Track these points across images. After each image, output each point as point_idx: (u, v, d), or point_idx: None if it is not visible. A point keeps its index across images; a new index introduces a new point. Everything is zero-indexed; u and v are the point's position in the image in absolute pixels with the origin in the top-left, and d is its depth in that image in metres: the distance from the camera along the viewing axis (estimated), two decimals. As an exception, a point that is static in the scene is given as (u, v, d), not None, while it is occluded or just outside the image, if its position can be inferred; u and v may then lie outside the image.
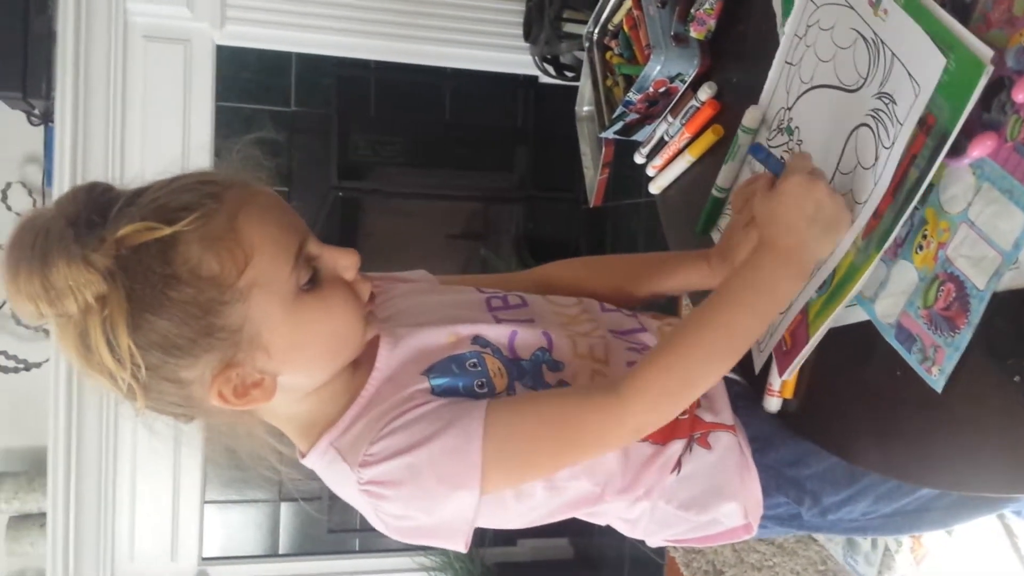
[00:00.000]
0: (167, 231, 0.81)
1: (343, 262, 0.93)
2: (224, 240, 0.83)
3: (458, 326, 1.01)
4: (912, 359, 0.90)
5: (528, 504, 1.01)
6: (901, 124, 0.90)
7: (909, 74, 0.90)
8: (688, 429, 1.07)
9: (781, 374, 1.08)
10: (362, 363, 0.97)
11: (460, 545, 0.93)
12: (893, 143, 0.91)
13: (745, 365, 1.16)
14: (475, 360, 0.97)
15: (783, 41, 1.15)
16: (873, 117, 0.95)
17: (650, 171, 1.48)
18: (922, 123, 0.88)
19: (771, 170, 1.08)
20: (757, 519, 1.09)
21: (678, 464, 1.05)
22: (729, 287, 0.96)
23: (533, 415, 0.93)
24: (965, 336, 0.83)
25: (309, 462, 0.97)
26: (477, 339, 1.00)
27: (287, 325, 0.88)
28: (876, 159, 0.94)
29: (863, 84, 0.98)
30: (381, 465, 0.87)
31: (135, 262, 0.81)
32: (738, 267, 1.00)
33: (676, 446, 1.05)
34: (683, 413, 1.06)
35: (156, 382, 0.85)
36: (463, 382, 0.95)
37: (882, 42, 0.95)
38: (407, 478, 0.87)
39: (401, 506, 0.89)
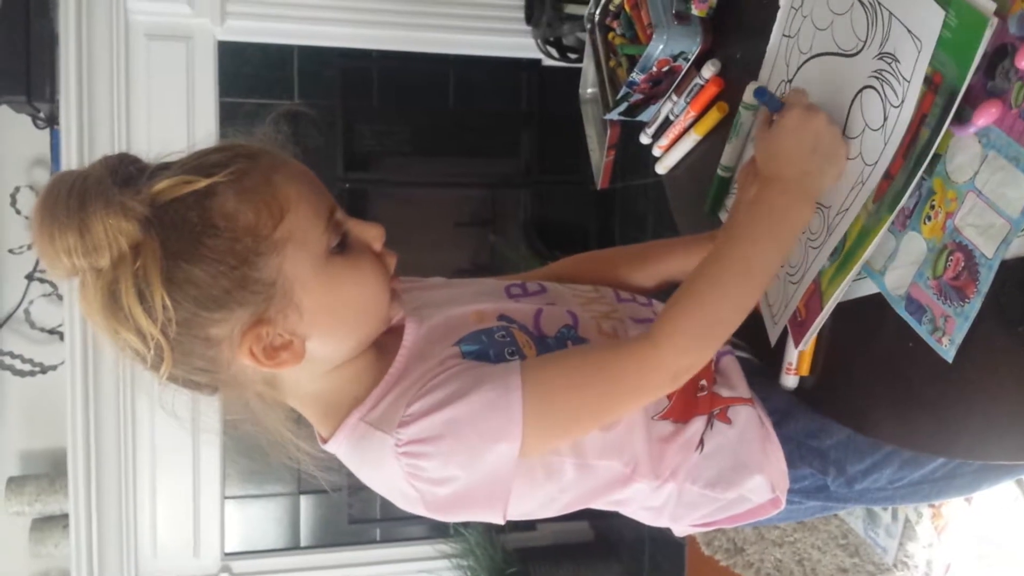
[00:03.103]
0: (204, 183, 0.83)
1: (371, 232, 0.95)
2: (260, 193, 0.85)
3: (482, 305, 1.02)
4: (923, 330, 0.90)
5: (558, 484, 1.00)
6: (908, 81, 0.90)
7: (909, 31, 0.90)
8: (708, 406, 1.07)
9: (797, 345, 1.08)
10: (387, 348, 0.97)
11: (498, 513, 0.92)
12: (902, 101, 0.91)
13: (761, 339, 1.16)
14: (503, 333, 0.98)
15: (780, 14, 1.15)
16: (877, 78, 0.95)
17: (656, 152, 1.48)
18: (929, 82, 0.87)
19: (772, 110, 1.07)
20: (784, 492, 1.09)
21: (700, 442, 1.05)
22: (739, 222, 0.97)
23: (570, 368, 0.93)
24: (975, 305, 0.83)
25: (333, 446, 0.96)
26: (502, 317, 1.01)
27: (318, 284, 0.89)
28: (885, 119, 0.93)
29: (863, 47, 0.98)
30: (421, 421, 0.87)
31: (172, 212, 0.82)
32: (747, 203, 1.00)
33: (697, 424, 1.05)
34: (701, 390, 1.07)
35: (185, 340, 0.84)
36: (493, 350, 0.95)
37: (878, 3, 0.95)
38: (447, 432, 0.86)
39: (441, 464, 0.88)
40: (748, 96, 1.20)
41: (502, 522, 0.93)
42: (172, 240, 0.82)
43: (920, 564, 2.10)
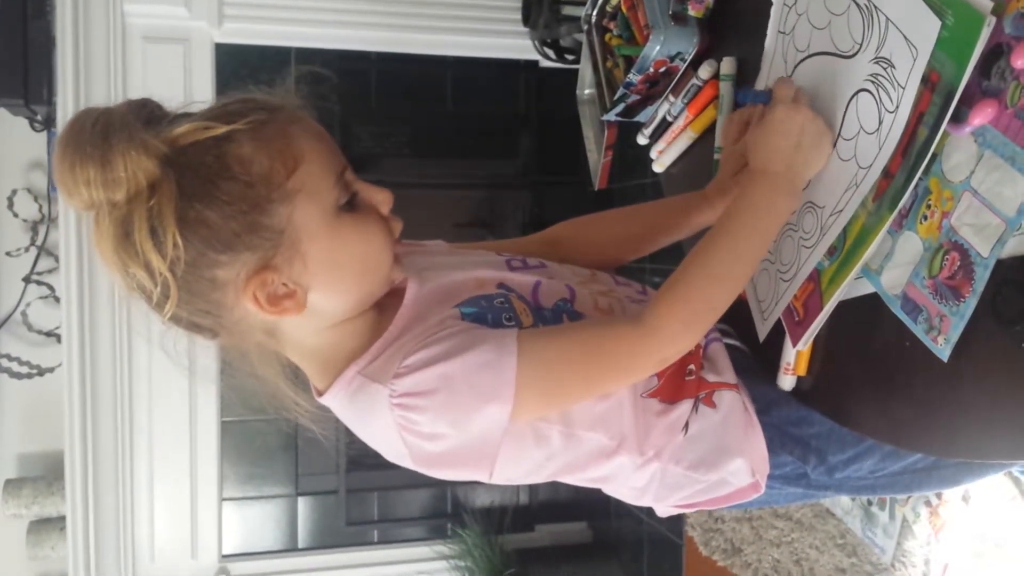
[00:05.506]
0: (223, 129, 0.86)
1: (379, 196, 0.98)
2: (275, 143, 0.89)
3: (482, 272, 1.04)
4: (918, 329, 0.90)
5: (545, 451, 1.02)
6: (903, 88, 0.90)
7: (905, 38, 0.90)
8: (695, 389, 1.09)
9: (795, 344, 1.08)
10: (388, 308, 0.99)
11: (485, 472, 0.95)
12: (897, 107, 0.91)
13: (751, 334, 1.17)
14: (502, 299, 1.00)
15: (773, 11, 1.16)
16: (872, 82, 0.95)
17: (654, 155, 1.48)
18: (926, 81, 0.88)
19: (763, 103, 1.10)
20: (764, 476, 1.11)
21: (686, 425, 1.07)
22: (730, 214, 1.01)
23: (564, 341, 0.96)
24: (970, 304, 0.83)
25: (328, 398, 0.98)
26: (501, 285, 1.03)
27: (325, 237, 0.91)
28: (880, 123, 0.94)
29: (859, 50, 0.98)
30: (416, 374, 0.89)
31: (190, 155, 0.85)
32: (736, 195, 1.04)
33: (684, 407, 1.07)
34: (689, 374, 1.09)
35: (192, 279, 0.87)
36: (491, 314, 0.97)
37: (875, 7, 0.95)
38: (441, 387, 0.89)
39: (432, 419, 0.90)
40: (724, 67, 1.26)
41: (488, 481, 0.97)
42: (188, 181, 0.84)
43: (918, 563, 2.10)
